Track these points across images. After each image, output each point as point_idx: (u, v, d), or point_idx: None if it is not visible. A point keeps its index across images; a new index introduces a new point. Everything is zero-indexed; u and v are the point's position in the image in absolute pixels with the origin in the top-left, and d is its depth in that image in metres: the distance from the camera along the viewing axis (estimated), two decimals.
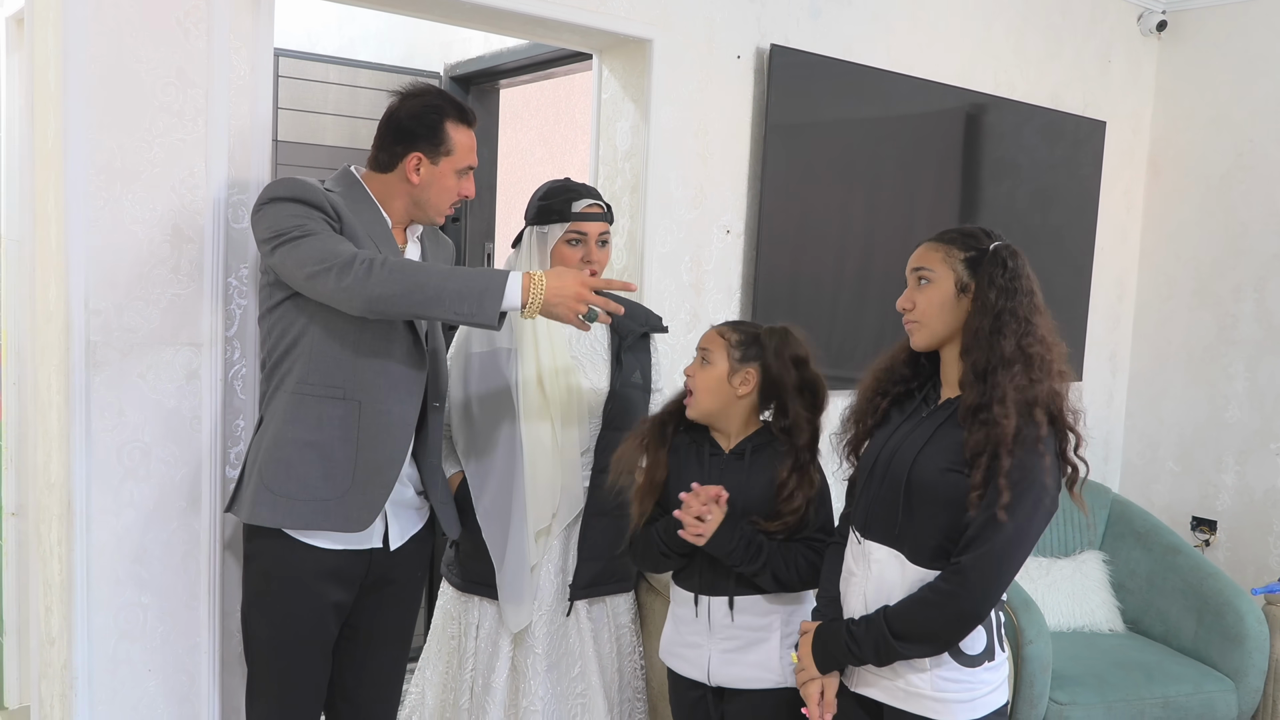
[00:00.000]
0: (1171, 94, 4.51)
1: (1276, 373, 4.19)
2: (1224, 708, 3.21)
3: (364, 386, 2.13)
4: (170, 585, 2.33)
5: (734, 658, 2.19)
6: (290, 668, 2.22)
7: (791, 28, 3.32)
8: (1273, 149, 4.20)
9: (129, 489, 2.26)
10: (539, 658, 2.46)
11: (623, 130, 3.16)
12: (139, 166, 2.22)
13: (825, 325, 3.43)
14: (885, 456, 1.98)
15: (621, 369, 2.52)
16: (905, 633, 1.85)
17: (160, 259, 2.26)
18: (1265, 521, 4.23)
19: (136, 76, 2.20)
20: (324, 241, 2.02)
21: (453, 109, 2.21)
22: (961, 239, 1.94)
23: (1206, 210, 4.39)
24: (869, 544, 1.97)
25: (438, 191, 2.22)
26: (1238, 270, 4.30)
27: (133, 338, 2.24)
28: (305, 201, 2.07)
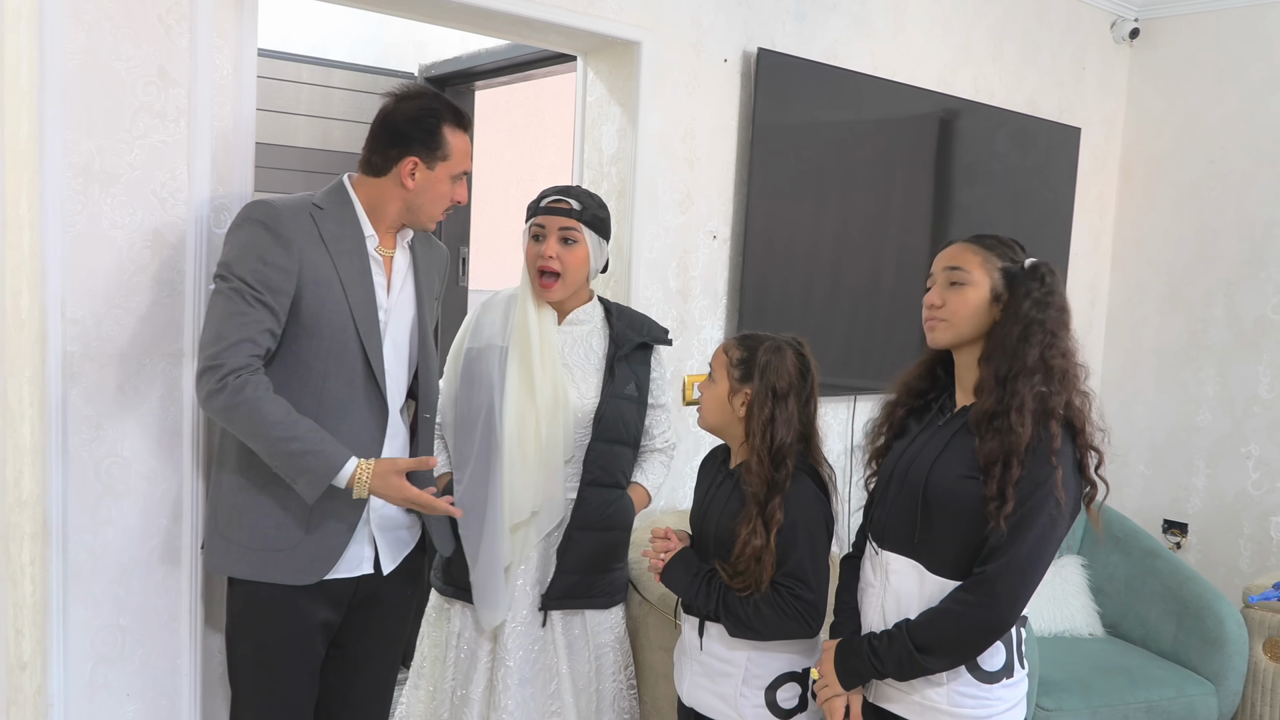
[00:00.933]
0: (1144, 101, 4.53)
1: (1246, 377, 4.23)
2: (1205, 711, 3.21)
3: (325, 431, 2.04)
4: (150, 606, 2.23)
5: (703, 683, 2.13)
6: (276, 690, 2.13)
7: (777, 31, 3.27)
8: (1242, 157, 4.23)
9: (107, 506, 2.16)
10: (510, 671, 2.38)
11: (609, 134, 3.09)
12: (118, 169, 2.11)
13: (812, 331, 3.36)
14: (902, 466, 1.95)
15: (613, 380, 2.44)
16: (928, 645, 1.80)
17: (140, 266, 2.15)
18: (1235, 524, 4.27)
19: (116, 75, 2.10)
20: (229, 320, 1.94)
21: (450, 113, 2.13)
22: (1000, 247, 1.92)
23: (1178, 216, 4.42)
24: (886, 554, 1.93)
25: (432, 197, 2.14)
26: (1208, 276, 4.33)
27: (111, 348, 2.13)
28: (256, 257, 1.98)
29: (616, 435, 2.44)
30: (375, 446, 2.13)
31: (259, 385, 1.94)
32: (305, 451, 1.95)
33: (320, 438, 1.97)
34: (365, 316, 2.08)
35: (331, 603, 2.14)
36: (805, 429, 2.07)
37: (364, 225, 2.13)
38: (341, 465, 1.97)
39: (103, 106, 2.09)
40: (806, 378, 2.07)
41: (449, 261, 2.44)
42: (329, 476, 1.96)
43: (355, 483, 1.98)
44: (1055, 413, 1.80)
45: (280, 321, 2.00)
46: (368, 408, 2.11)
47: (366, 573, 2.17)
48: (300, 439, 1.95)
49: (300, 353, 2.05)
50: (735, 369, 2.07)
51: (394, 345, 2.18)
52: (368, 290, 2.10)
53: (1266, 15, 4.16)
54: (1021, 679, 1.90)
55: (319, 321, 2.04)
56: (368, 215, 2.14)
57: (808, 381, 2.07)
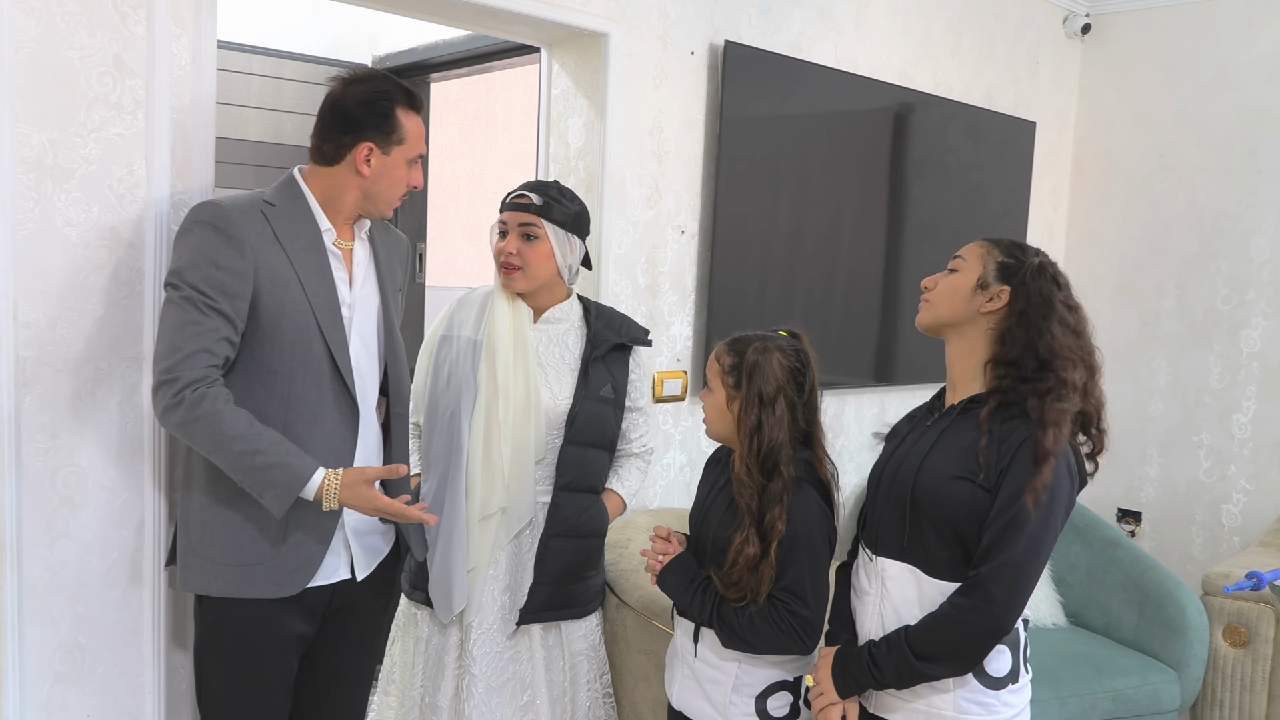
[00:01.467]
0: (1096, 96, 4.58)
1: (1198, 367, 4.29)
2: (1168, 698, 3.25)
3: (296, 439, 1.95)
4: (111, 622, 2.12)
5: (693, 688, 2.08)
6: (248, 708, 2.04)
7: (743, 24, 3.23)
8: (1192, 151, 4.29)
9: (64, 518, 2.04)
10: (475, 679, 2.32)
11: (575, 127, 3.02)
12: (73, 163, 2.00)
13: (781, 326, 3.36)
14: (890, 469, 1.91)
15: (588, 381, 2.38)
16: (928, 653, 1.77)
17: (97, 265, 2.04)
18: (1188, 512, 4.33)
19: (70, 65, 1.98)
20: (183, 330, 1.86)
21: (402, 94, 2.05)
22: (1008, 245, 1.90)
23: (1129, 210, 4.47)
24: (881, 560, 1.89)
25: (389, 183, 2.05)
26: (1159, 268, 4.39)
27: (67, 352, 2.02)
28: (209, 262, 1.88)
29: (591, 439, 2.38)
30: (348, 449, 2.04)
31: (218, 398, 1.85)
32: (270, 465, 1.86)
33: (285, 449, 1.88)
34: (328, 315, 2.00)
35: (306, 614, 2.06)
36: (806, 427, 2.02)
37: (319, 219, 2.04)
38: (309, 477, 1.88)
39: (56, 98, 1.97)
40: (801, 375, 2.00)
41: (410, 251, 2.35)
42: (296, 489, 1.87)
43: (324, 494, 1.89)
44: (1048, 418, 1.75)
45: (238, 328, 1.91)
46: (337, 410, 2.02)
47: (343, 578, 2.09)
48: (264, 451, 1.86)
49: (263, 357, 1.95)
50: (728, 376, 2.01)
51: (362, 341, 2.09)
52: (328, 287, 2.01)
53: (1215, 11, 4.22)
54: (1026, 684, 1.87)
55: (279, 323, 1.95)
56: (322, 208, 2.04)
57: (804, 379, 2.01)
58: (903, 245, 3.80)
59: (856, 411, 3.79)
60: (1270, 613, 3.27)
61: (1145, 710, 3.22)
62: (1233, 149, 4.19)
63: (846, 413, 3.76)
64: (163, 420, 1.89)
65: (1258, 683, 3.30)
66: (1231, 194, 4.19)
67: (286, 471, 1.87)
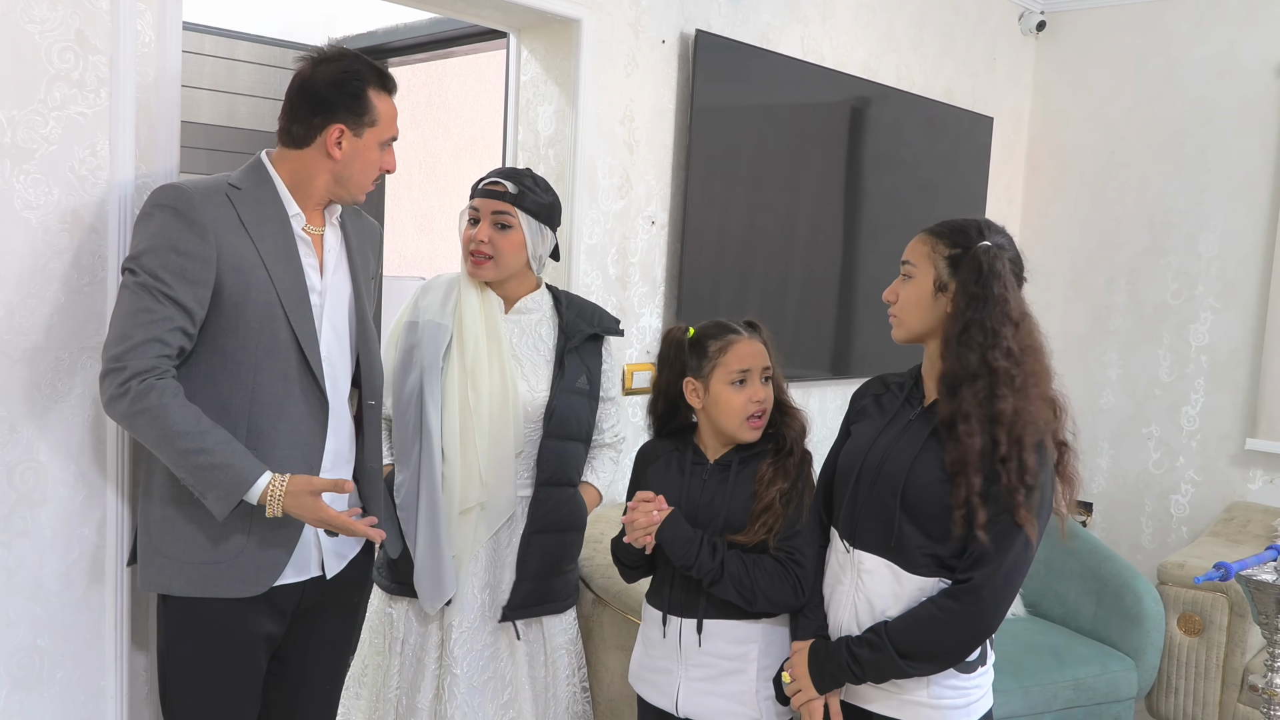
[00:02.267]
0: (1049, 92, 4.63)
1: (1147, 361, 4.37)
2: (1126, 686, 3.29)
3: (262, 431, 1.88)
4: (71, 624, 2.02)
5: (706, 688, 2.02)
6: (214, 711, 1.95)
7: (713, 13, 3.20)
8: (1143, 148, 4.36)
9: (22, 515, 1.94)
10: (458, 679, 2.26)
11: (545, 115, 2.96)
12: (33, 143, 1.89)
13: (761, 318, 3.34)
14: (873, 462, 1.87)
15: (564, 373, 2.33)
16: (913, 652, 1.76)
17: (57, 250, 1.94)
18: (1138, 502, 4.41)
19: (29, 39, 1.87)
20: (135, 318, 1.78)
21: (374, 75, 1.96)
22: (950, 234, 1.82)
23: (1082, 205, 4.53)
24: (859, 553, 1.86)
25: (361, 167, 1.96)
26: (1111, 263, 4.46)
27: (25, 341, 1.91)
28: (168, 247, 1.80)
29: (569, 431, 2.33)
30: (317, 442, 1.96)
31: (164, 390, 1.76)
32: (214, 465, 1.77)
33: (232, 450, 1.79)
34: (295, 303, 1.91)
35: (274, 613, 1.97)
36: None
37: (287, 204, 1.95)
38: (253, 481, 1.79)
39: (14, 74, 1.86)
40: None
41: (382, 237, 2.27)
42: (239, 492, 1.78)
43: (268, 500, 1.80)
44: (1003, 417, 1.71)
45: (195, 318, 1.82)
46: (304, 402, 1.94)
47: (313, 575, 2.01)
48: (209, 450, 1.77)
49: (227, 347, 1.87)
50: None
51: (333, 330, 2.01)
52: (296, 274, 1.93)
53: (1166, 10, 4.29)
54: (990, 665, 1.88)
55: (243, 311, 1.86)
56: (291, 192, 1.96)
57: None
58: (864, 238, 3.80)
59: (820, 404, 3.78)
60: (1224, 602, 3.34)
61: (1104, 698, 3.26)
62: (1183, 147, 4.26)
63: (811, 405, 3.75)
64: (108, 410, 1.80)
65: (1212, 670, 3.36)
66: (1181, 191, 4.27)
67: (230, 473, 1.78)
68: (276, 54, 3.53)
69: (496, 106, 5.56)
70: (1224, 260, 4.17)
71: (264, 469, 1.80)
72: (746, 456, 2.05)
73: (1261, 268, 4.08)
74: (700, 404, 2.05)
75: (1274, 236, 4.05)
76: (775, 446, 2.04)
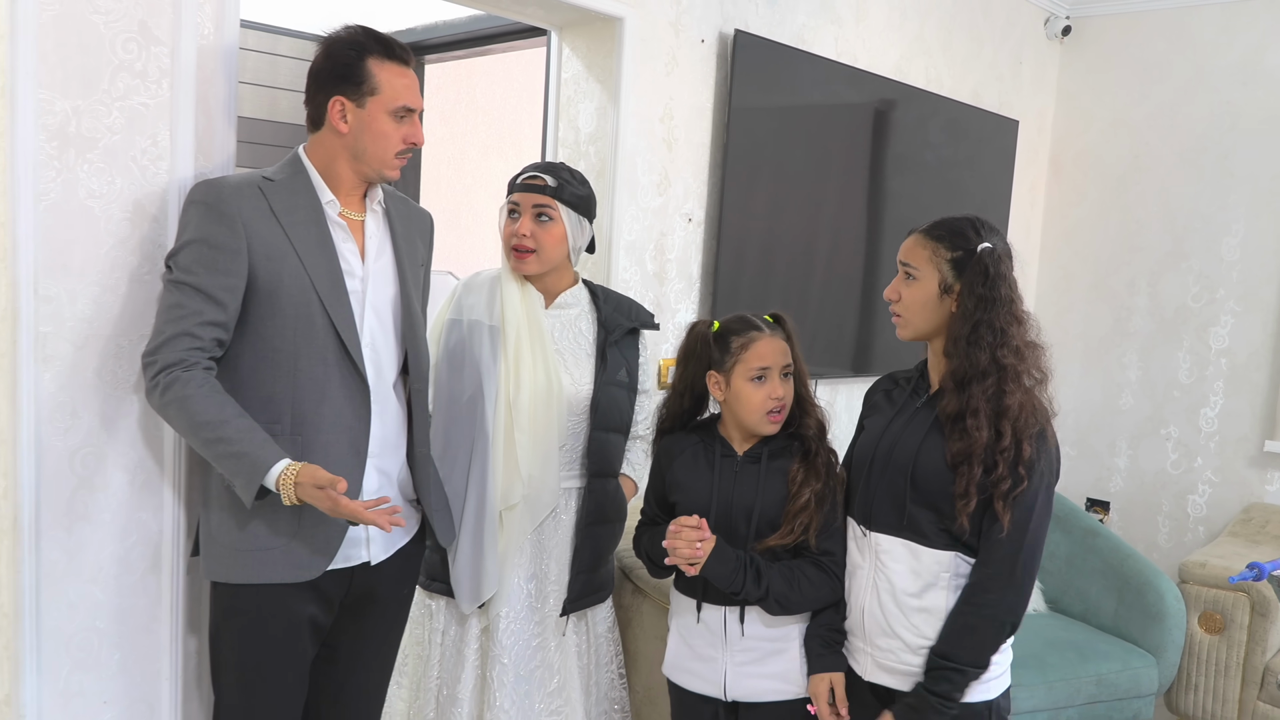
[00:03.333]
0: (1073, 96, 4.59)
1: (1167, 362, 4.34)
2: (1147, 682, 3.27)
3: (305, 418, 1.87)
4: (129, 607, 2.01)
5: (752, 670, 2.03)
6: (262, 693, 1.94)
7: (750, 14, 3.17)
8: (1166, 152, 4.32)
9: (82, 500, 1.93)
10: (506, 668, 2.25)
11: (587, 112, 2.94)
12: (96, 132, 1.88)
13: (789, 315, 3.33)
14: (885, 449, 1.92)
15: (606, 366, 2.31)
16: (978, 659, 1.81)
17: (120, 239, 1.92)
18: (1155, 502, 4.38)
19: (94, 29, 1.86)
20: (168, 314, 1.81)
21: (375, 44, 1.90)
22: (950, 237, 1.87)
23: (1104, 208, 4.50)
24: (876, 536, 1.91)
25: (372, 138, 1.90)
26: (1132, 266, 4.42)
27: (87, 328, 1.90)
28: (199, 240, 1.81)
29: (612, 423, 2.32)
30: (362, 426, 1.94)
31: (189, 382, 1.76)
32: (233, 454, 1.76)
33: (252, 439, 1.77)
34: (330, 287, 1.88)
35: (321, 600, 1.96)
36: None
37: (321, 191, 1.93)
38: (268, 469, 1.75)
39: (79, 64, 1.85)
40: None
41: (433, 225, 2.24)
42: (258, 479, 1.75)
43: (280, 488, 1.76)
44: (1009, 411, 1.78)
45: (228, 309, 1.82)
46: (344, 387, 1.91)
47: (361, 561, 1.99)
48: (228, 440, 1.75)
49: (266, 334, 1.86)
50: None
51: (376, 315, 1.98)
52: (329, 259, 1.90)
53: (1191, 17, 4.25)
54: (1009, 645, 1.91)
55: (278, 300, 1.85)
56: (324, 179, 1.94)
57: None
58: (887, 237, 3.78)
59: (846, 400, 3.76)
60: (1246, 601, 3.31)
61: (1125, 694, 3.24)
62: (1206, 152, 4.22)
63: (837, 401, 3.73)
64: (149, 402, 1.83)
65: (1232, 668, 3.34)
66: (1204, 195, 4.23)
67: (247, 462, 1.76)
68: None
69: (524, 104, 5.55)
70: (1245, 264, 4.13)
71: (280, 458, 1.76)
72: (775, 450, 2.04)
73: None
74: (722, 397, 2.04)
75: None
76: (803, 445, 2.04)
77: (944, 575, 1.83)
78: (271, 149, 3.39)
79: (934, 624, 1.84)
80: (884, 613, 1.88)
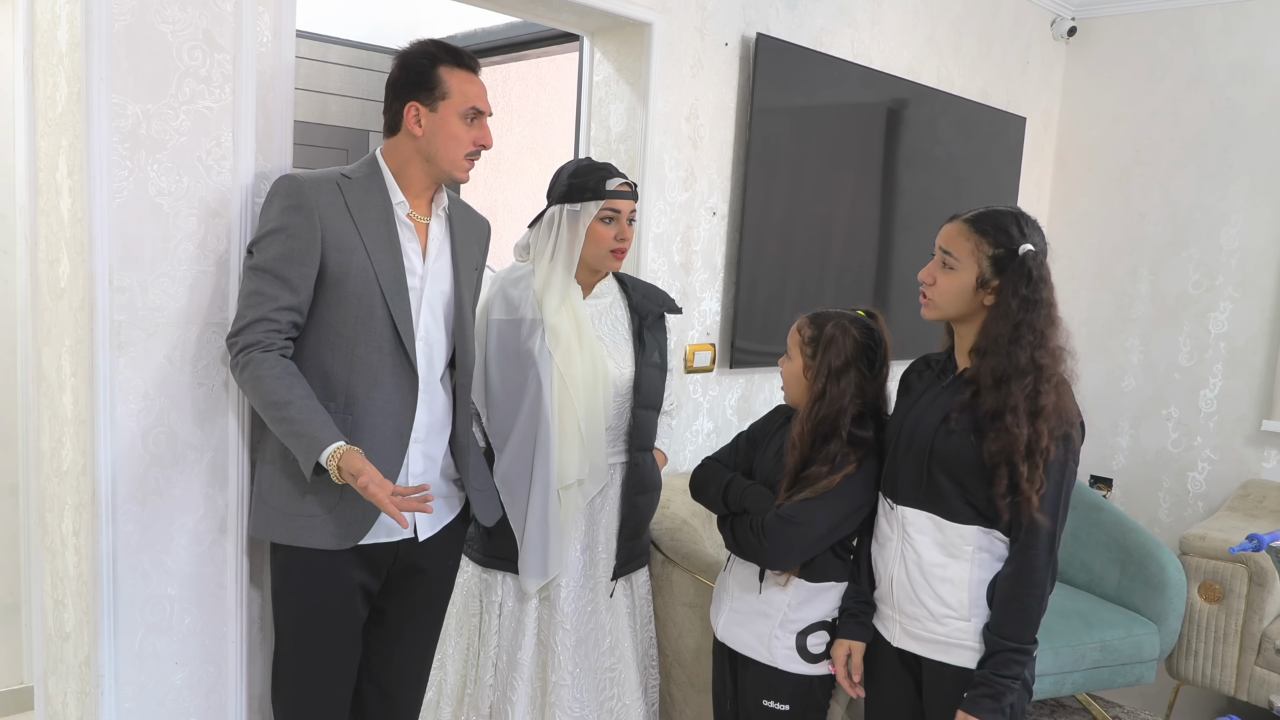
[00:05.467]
0: (1078, 94, 4.54)
1: (1168, 347, 4.29)
2: (1149, 648, 3.25)
3: (357, 399, 1.90)
4: (197, 574, 2.04)
5: (737, 619, 2.08)
6: (317, 648, 1.97)
7: (771, 17, 3.15)
8: (1168, 146, 4.27)
9: (154, 476, 1.96)
10: (568, 633, 2.27)
11: (617, 112, 2.94)
12: (165, 134, 1.90)
13: (805, 305, 3.31)
14: (910, 426, 1.91)
15: (644, 349, 2.33)
16: (1033, 638, 1.79)
17: (187, 234, 1.95)
18: (1155, 479, 4.34)
19: (163, 38, 1.88)
20: (249, 300, 1.86)
21: (445, 53, 1.94)
22: (994, 232, 1.82)
23: (1107, 201, 4.45)
24: (902, 509, 1.90)
25: (444, 140, 1.93)
26: (1134, 255, 4.37)
27: (157, 317, 1.93)
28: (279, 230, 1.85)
29: (651, 401, 2.35)
30: (408, 412, 1.96)
31: (263, 363, 1.81)
32: (296, 433, 1.80)
33: (313, 419, 1.79)
34: (392, 282, 1.91)
35: (370, 567, 1.99)
36: (875, 401, 1.98)
37: (393, 192, 1.96)
38: (324, 448, 1.78)
39: (149, 70, 1.87)
40: (873, 353, 1.97)
41: (489, 233, 2.26)
42: (314, 456, 1.78)
43: (329, 466, 1.78)
44: (1045, 410, 1.75)
45: (302, 295, 1.86)
46: (395, 375, 1.94)
47: (405, 537, 2.01)
48: (291, 420, 1.79)
49: (330, 319, 1.89)
50: (807, 346, 1.99)
51: (431, 312, 2.01)
52: (395, 257, 1.93)
53: (1193, 17, 4.18)
54: None
55: (344, 288, 1.88)
56: (397, 181, 1.97)
57: (875, 356, 1.97)
58: (899, 231, 3.76)
59: None
60: (1244, 571, 3.28)
61: (1129, 659, 3.22)
62: (1206, 146, 4.16)
63: None
64: (233, 377, 1.91)
65: (1230, 635, 3.31)
66: (1204, 187, 4.17)
67: (308, 440, 1.79)
68: (364, 56, 3.53)
69: (557, 107, 5.54)
70: (1244, 253, 4.08)
71: (336, 439, 1.78)
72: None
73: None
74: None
75: None
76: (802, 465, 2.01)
77: (966, 549, 1.82)
78: (323, 150, 3.41)
79: (957, 594, 1.82)
80: (911, 583, 1.88)
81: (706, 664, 2.33)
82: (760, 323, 3.19)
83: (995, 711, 1.77)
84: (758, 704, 2.03)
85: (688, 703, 2.49)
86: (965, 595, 1.82)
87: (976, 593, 1.82)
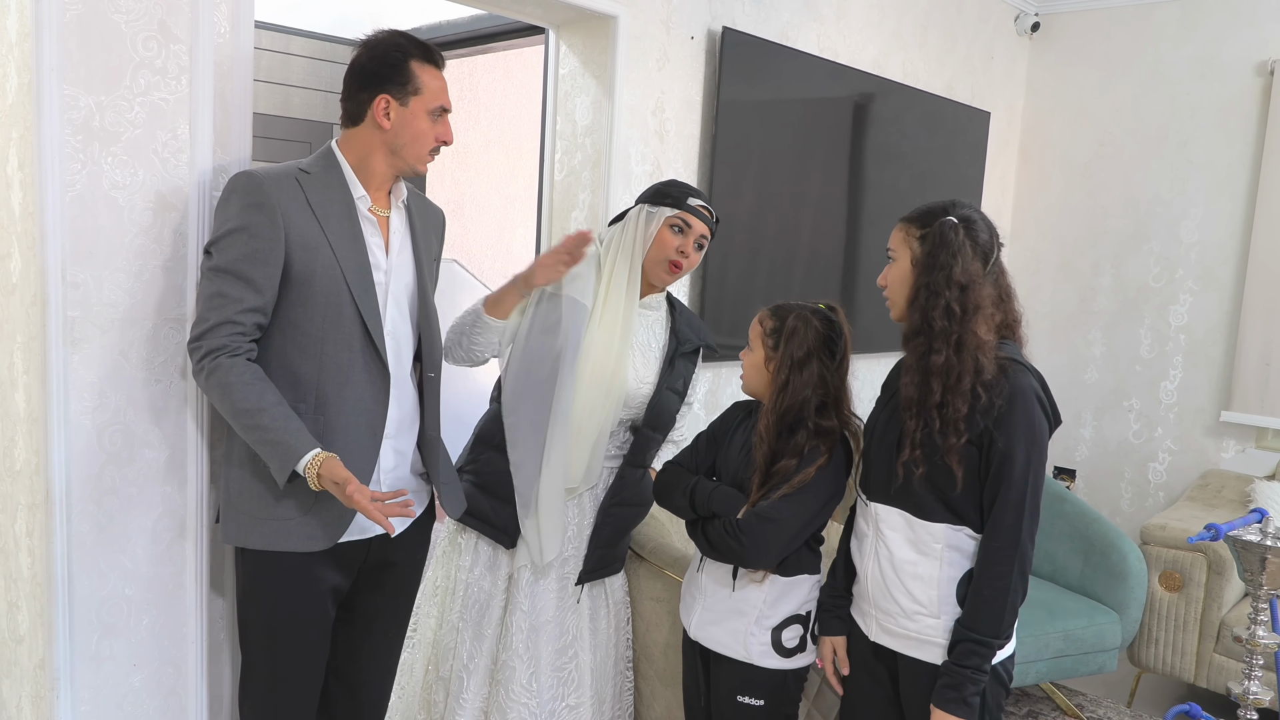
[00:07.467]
0: (1042, 89, 4.57)
1: (1130, 339, 4.34)
2: (1111, 637, 3.28)
3: (328, 399, 1.86)
4: (155, 575, 2.00)
5: (710, 618, 2.06)
6: (287, 652, 1.94)
7: (737, 11, 3.15)
8: (1129, 141, 4.31)
9: (110, 474, 1.92)
10: (523, 615, 2.26)
11: (583, 106, 2.92)
12: (119, 127, 1.86)
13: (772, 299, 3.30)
14: (882, 423, 1.91)
15: (671, 372, 2.31)
16: (995, 631, 1.76)
17: (142, 228, 1.90)
18: (1117, 469, 4.39)
19: (116, 28, 1.83)
20: (211, 302, 1.79)
21: (417, 48, 1.91)
22: (920, 217, 1.86)
23: (1070, 195, 4.49)
24: (875, 506, 1.90)
25: (412, 135, 1.91)
26: (1097, 248, 4.41)
27: (113, 312, 1.89)
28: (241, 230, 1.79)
29: (660, 424, 2.32)
30: (380, 409, 1.94)
31: (231, 369, 1.76)
32: (270, 440, 1.76)
33: (286, 426, 1.76)
34: (359, 279, 1.88)
35: (341, 567, 1.96)
36: (835, 392, 1.98)
37: (353, 186, 1.92)
38: (301, 456, 1.75)
39: (102, 61, 1.82)
40: (833, 344, 1.97)
41: (445, 222, 2.23)
42: (290, 465, 1.76)
43: (307, 475, 1.76)
44: (934, 367, 1.74)
45: (266, 295, 1.81)
46: (367, 372, 1.91)
47: (379, 533, 1.99)
48: (264, 427, 1.75)
49: (297, 319, 1.85)
50: (769, 338, 1.98)
51: (397, 306, 1.98)
52: (360, 252, 1.90)
53: (1153, 13, 4.23)
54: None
55: (310, 287, 1.84)
56: (356, 174, 1.93)
57: (835, 347, 1.97)
58: (866, 224, 3.77)
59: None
60: (1203, 560, 3.32)
61: (1091, 648, 3.25)
62: (1166, 140, 4.21)
63: None
64: (196, 383, 1.84)
65: (1190, 623, 3.35)
66: (1164, 182, 4.22)
67: (282, 449, 1.76)
68: (327, 48, 3.48)
69: (523, 100, 5.51)
70: (1203, 246, 4.13)
71: (311, 447, 1.76)
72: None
73: (1239, 253, 4.04)
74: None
75: (1251, 224, 4.00)
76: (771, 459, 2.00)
77: (936, 546, 1.81)
78: (284, 143, 3.36)
79: (927, 591, 1.82)
80: (884, 579, 1.87)
81: (675, 659, 2.32)
82: (728, 317, 3.19)
83: (957, 702, 1.77)
84: (732, 700, 2.03)
85: (656, 697, 2.48)
86: (935, 593, 1.82)
87: (945, 590, 1.81)
